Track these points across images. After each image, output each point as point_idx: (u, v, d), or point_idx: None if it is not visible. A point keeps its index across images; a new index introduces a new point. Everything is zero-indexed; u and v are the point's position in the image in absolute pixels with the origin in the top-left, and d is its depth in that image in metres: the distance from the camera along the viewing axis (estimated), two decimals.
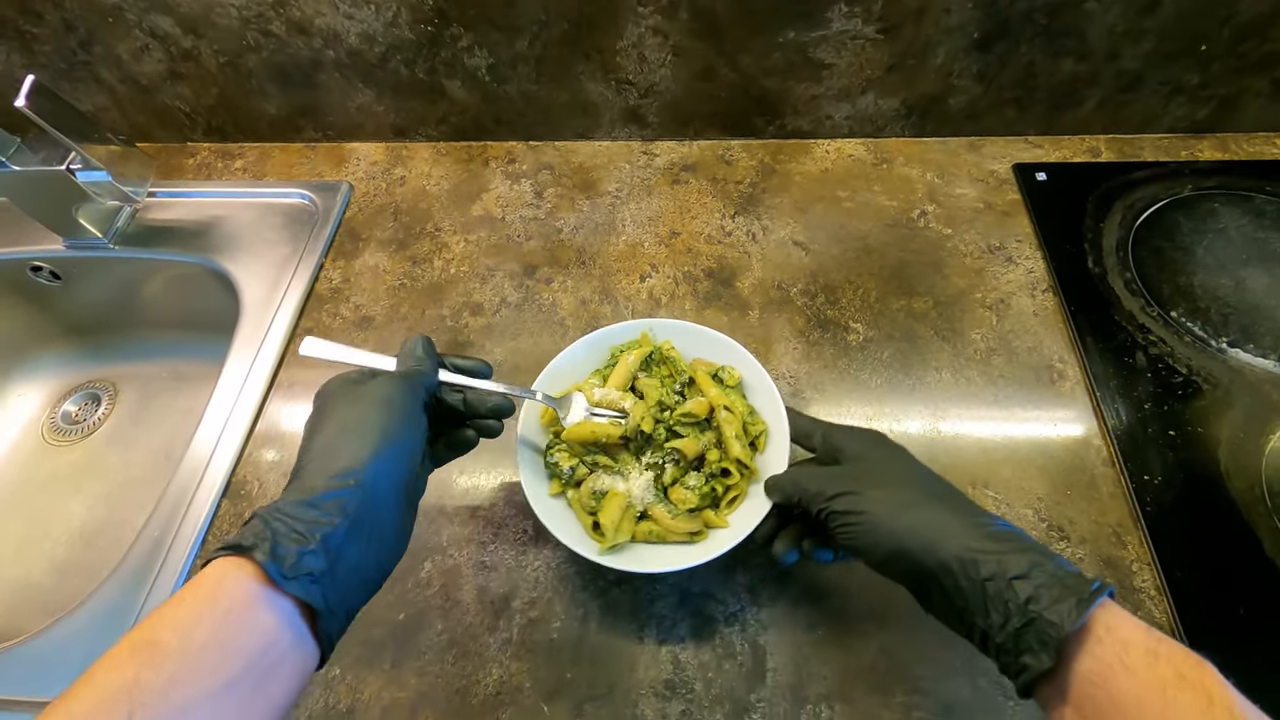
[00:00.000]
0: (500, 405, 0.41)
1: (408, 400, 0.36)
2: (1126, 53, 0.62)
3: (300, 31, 0.65)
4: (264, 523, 0.30)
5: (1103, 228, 0.63)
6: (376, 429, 0.34)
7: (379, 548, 0.33)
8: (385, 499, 0.33)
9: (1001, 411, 0.54)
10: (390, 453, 0.34)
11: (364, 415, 0.35)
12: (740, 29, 0.62)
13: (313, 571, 0.29)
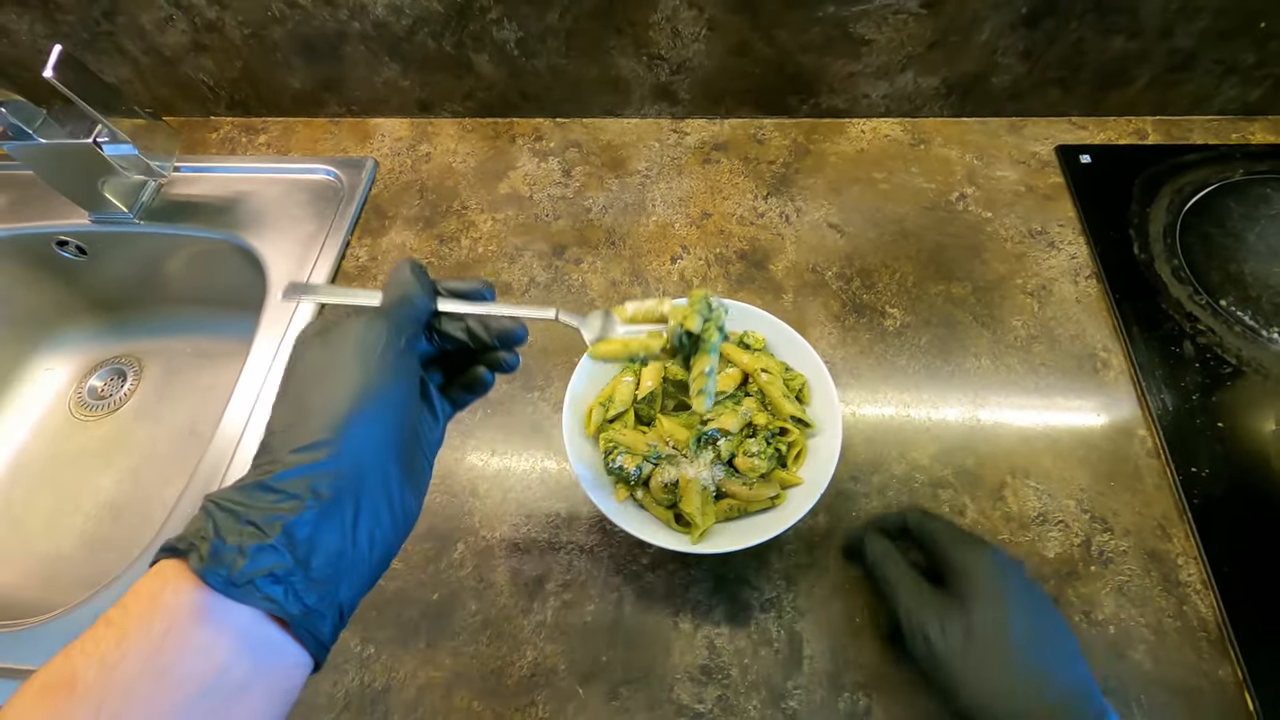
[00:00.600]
0: (507, 330, 0.33)
1: (390, 341, 0.29)
2: (1180, 30, 0.60)
3: (326, 2, 0.64)
4: (206, 515, 0.24)
5: (1149, 213, 0.61)
6: (350, 384, 0.27)
7: (373, 523, 0.27)
8: (373, 466, 0.27)
9: (1043, 400, 0.53)
10: (373, 410, 0.27)
11: (334, 369, 0.28)
12: (778, 2, 0.60)
13: (274, 571, 0.24)
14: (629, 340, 0.37)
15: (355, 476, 0.26)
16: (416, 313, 0.31)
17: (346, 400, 0.27)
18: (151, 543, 0.52)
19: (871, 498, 0.49)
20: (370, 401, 0.27)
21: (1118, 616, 0.44)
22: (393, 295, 0.31)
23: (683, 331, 0.35)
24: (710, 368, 0.36)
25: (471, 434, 0.54)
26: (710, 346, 0.36)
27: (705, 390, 0.36)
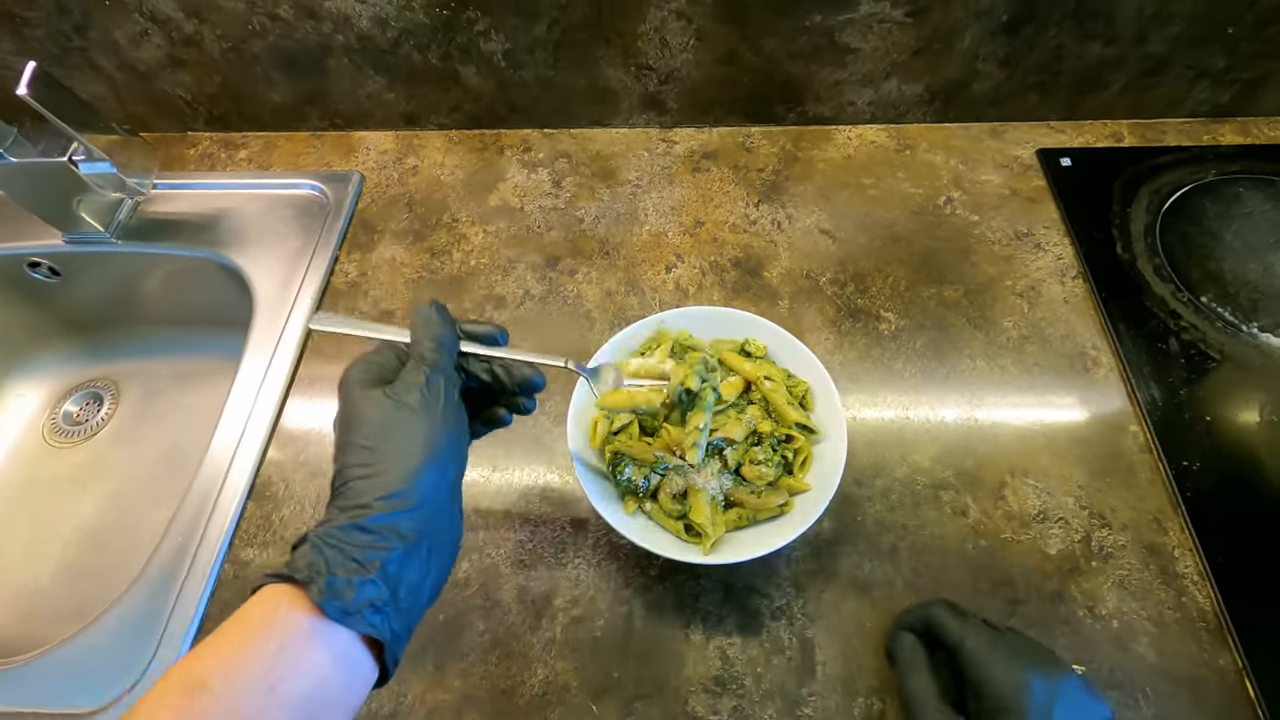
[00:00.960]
0: (528, 379, 0.36)
1: (448, 396, 0.33)
2: (1154, 36, 0.62)
3: (309, 15, 0.63)
4: (316, 550, 0.28)
5: (1130, 213, 0.63)
6: (422, 438, 0.31)
7: (438, 560, 0.31)
8: (439, 507, 0.31)
9: (1037, 399, 0.54)
10: (439, 459, 0.31)
11: (405, 426, 0.31)
12: (766, 11, 0.61)
13: (374, 602, 0.28)
14: (634, 393, 0.42)
15: (428, 518, 0.30)
16: (454, 360, 0.35)
17: (419, 453, 0.31)
18: (144, 570, 0.50)
19: (875, 501, 0.50)
20: (437, 452, 0.31)
21: (1120, 610, 0.45)
22: (431, 345, 0.34)
23: (683, 390, 0.41)
24: (704, 424, 0.41)
25: (473, 451, 0.52)
26: (706, 405, 0.41)
27: (698, 445, 0.41)
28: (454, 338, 0.35)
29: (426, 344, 0.34)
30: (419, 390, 0.32)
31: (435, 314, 0.35)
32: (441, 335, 0.34)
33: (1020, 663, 0.34)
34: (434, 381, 0.33)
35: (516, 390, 0.37)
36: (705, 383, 0.41)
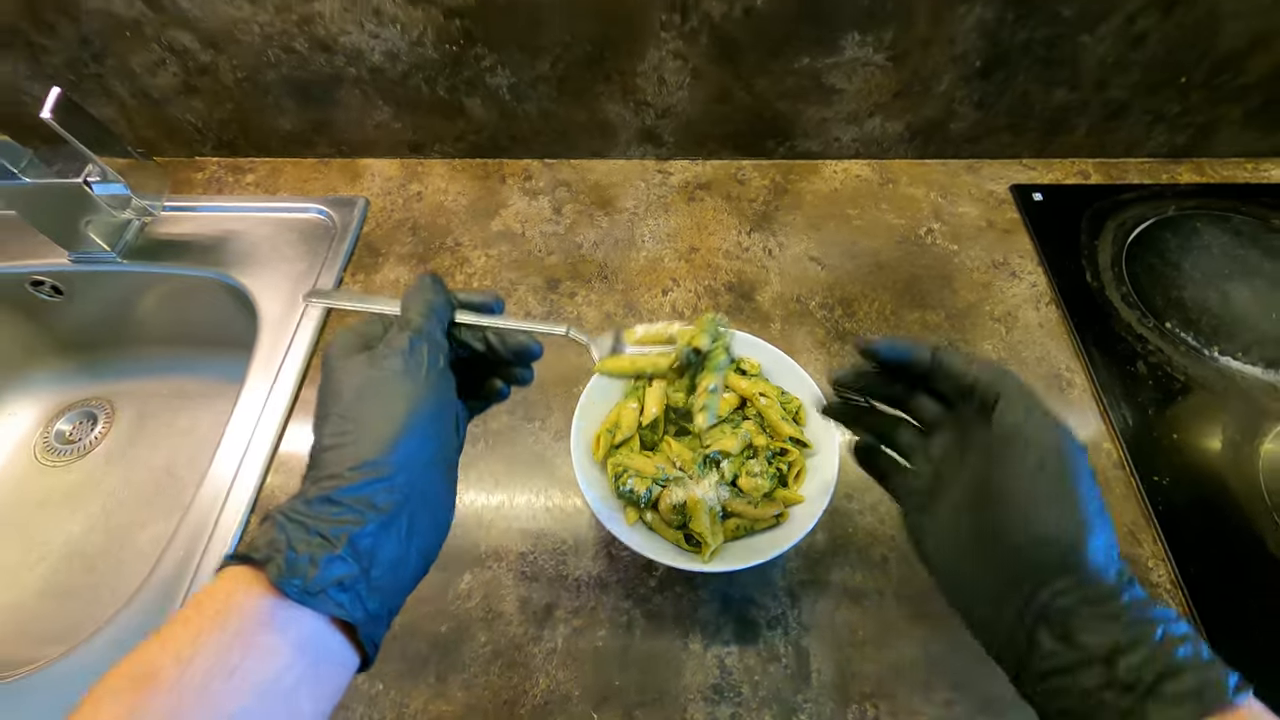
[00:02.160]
0: (523, 347, 0.34)
1: (431, 362, 0.31)
2: (1114, 83, 0.67)
3: (323, 49, 0.66)
4: (278, 527, 0.26)
5: (1097, 245, 0.67)
6: (401, 404, 0.29)
7: (420, 536, 0.29)
8: (421, 482, 0.29)
9: None
10: (420, 427, 0.29)
11: (384, 388, 0.29)
12: (758, 54, 0.65)
13: (342, 580, 0.26)
14: (637, 358, 0.39)
15: (407, 490, 0.28)
16: (445, 328, 0.33)
17: (398, 419, 0.29)
18: (140, 588, 0.51)
19: (866, 514, 0.52)
20: (419, 419, 0.29)
21: None
22: (419, 309, 0.32)
23: (690, 350, 0.37)
24: (715, 385, 0.36)
25: (474, 465, 0.55)
26: (717, 365, 0.37)
27: (708, 406, 0.36)
28: (446, 305, 0.34)
29: (414, 309, 0.32)
30: (400, 354, 0.30)
31: (429, 282, 0.34)
32: (432, 301, 0.33)
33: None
34: (417, 346, 0.31)
35: (512, 359, 0.35)
36: (716, 342, 0.37)
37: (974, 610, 0.30)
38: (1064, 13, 0.61)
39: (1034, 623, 0.27)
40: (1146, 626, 0.25)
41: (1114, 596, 0.26)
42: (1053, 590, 0.27)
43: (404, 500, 0.28)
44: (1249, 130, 0.71)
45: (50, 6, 0.63)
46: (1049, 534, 0.27)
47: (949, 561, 0.32)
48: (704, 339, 0.37)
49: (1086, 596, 0.26)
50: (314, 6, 0.62)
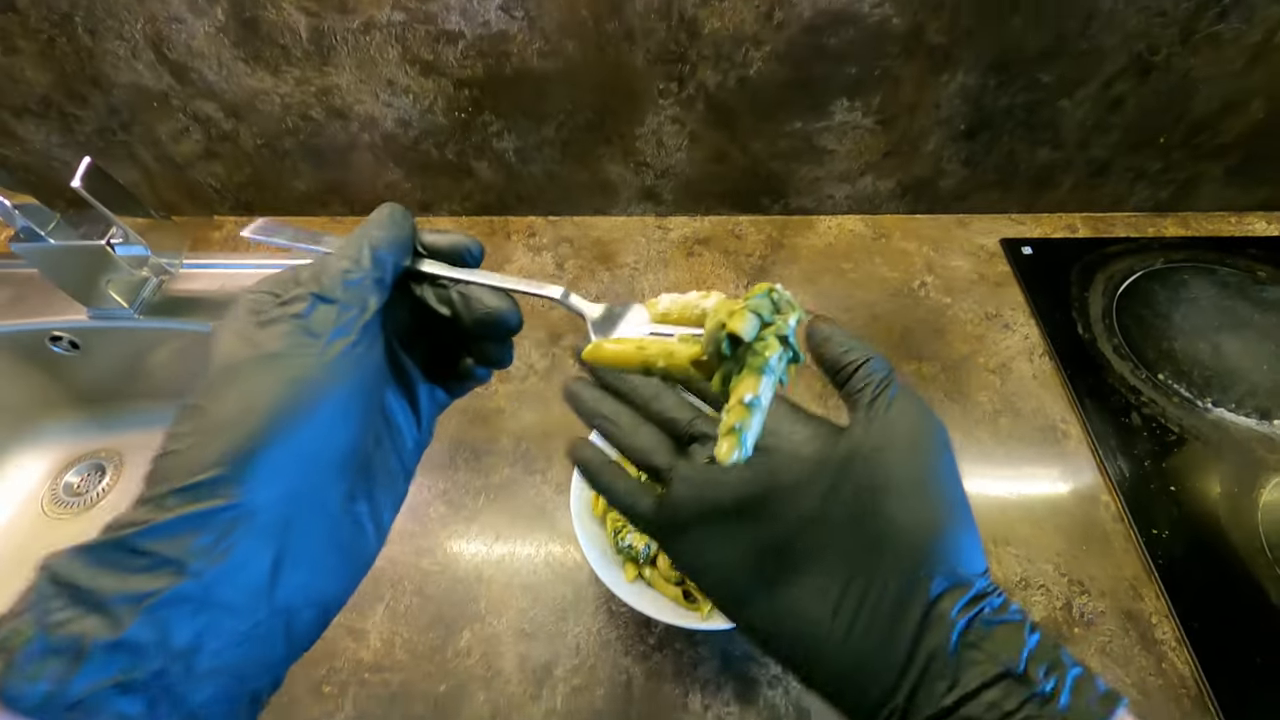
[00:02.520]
0: (491, 315, 0.25)
1: (335, 330, 0.22)
2: (1096, 143, 0.69)
3: (339, 116, 0.69)
4: (34, 597, 0.17)
5: (1088, 297, 0.68)
6: (270, 392, 0.20)
7: (309, 572, 0.21)
8: (304, 498, 0.21)
9: (1013, 470, 0.57)
10: (301, 430, 0.20)
11: (250, 372, 0.20)
12: (752, 119, 0.68)
13: (125, 680, 0.17)
14: (646, 342, 0.25)
15: (273, 518, 0.20)
16: (382, 280, 0.23)
17: (262, 414, 0.19)
18: None
19: None
20: (300, 414, 0.20)
21: (1105, 677, 0.46)
22: (352, 254, 0.23)
23: (725, 336, 0.23)
24: (756, 398, 0.22)
25: (475, 519, 0.55)
26: (766, 365, 0.23)
27: (741, 429, 0.22)
28: (399, 248, 0.25)
29: (346, 253, 0.23)
30: (290, 321, 0.21)
31: (386, 215, 0.25)
32: (377, 244, 0.24)
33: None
34: (323, 308, 0.22)
35: (476, 329, 0.25)
36: (768, 327, 0.23)
37: (818, 645, 0.24)
38: (1043, 79, 0.64)
39: (923, 637, 0.23)
40: (1031, 629, 0.23)
41: (999, 596, 0.24)
42: (953, 596, 0.23)
43: (265, 532, 0.19)
44: (1230, 186, 0.73)
45: (84, 80, 0.67)
46: (949, 531, 0.24)
47: (752, 584, 0.26)
48: (746, 321, 0.23)
49: (983, 599, 0.23)
50: (331, 79, 0.66)
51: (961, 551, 0.24)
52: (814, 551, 0.25)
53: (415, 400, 0.27)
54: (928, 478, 0.25)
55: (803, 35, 0.61)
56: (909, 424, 0.26)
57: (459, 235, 0.27)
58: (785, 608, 0.25)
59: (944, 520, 0.24)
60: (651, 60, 0.63)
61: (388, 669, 0.48)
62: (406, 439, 0.26)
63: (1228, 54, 0.61)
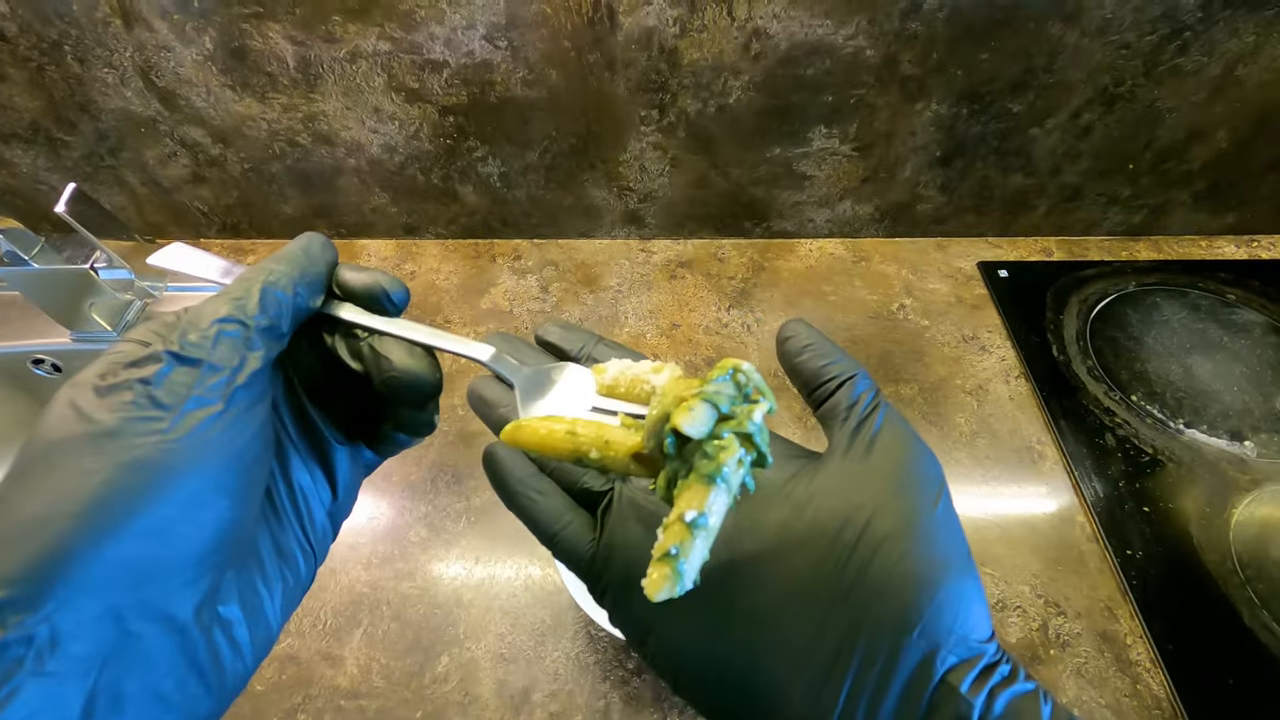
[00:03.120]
0: (400, 378, 0.21)
1: (193, 403, 0.18)
2: (1067, 169, 0.71)
3: (325, 142, 0.70)
4: None
5: (1062, 319, 0.69)
6: (88, 486, 0.16)
7: (142, 711, 0.16)
8: (133, 626, 0.16)
9: (990, 490, 0.58)
10: (136, 536, 0.16)
11: (69, 455, 0.16)
12: (732, 145, 0.70)
13: None
14: (580, 425, 0.21)
15: (86, 649, 0.15)
16: (273, 328, 0.20)
17: (75, 514, 0.15)
18: None
19: None
20: (131, 507, 0.16)
21: (1080, 699, 0.47)
22: (234, 296, 0.19)
23: (669, 431, 0.19)
24: (701, 515, 0.18)
25: (455, 543, 0.55)
26: (718, 472, 0.18)
27: (680, 554, 0.18)
28: (309, 287, 0.21)
29: (233, 294, 0.19)
30: (133, 389, 0.17)
31: (300, 248, 0.22)
32: (279, 278, 0.20)
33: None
34: (179, 370, 0.17)
35: (386, 392, 0.22)
36: (726, 421, 0.19)
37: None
38: (1013, 108, 0.66)
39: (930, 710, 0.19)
40: (1044, 698, 0.20)
41: (1007, 662, 0.20)
42: (961, 670, 0.19)
43: (78, 664, 0.15)
44: (1199, 211, 0.75)
45: (72, 106, 0.68)
46: (951, 591, 0.20)
47: (710, 664, 0.22)
48: (696, 414, 0.18)
49: (993, 670, 0.20)
50: (318, 105, 0.67)
51: (969, 614, 0.20)
52: (789, 621, 0.21)
53: (330, 465, 0.23)
54: (924, 526, 0.21)
55: (780, 66, 0.63)
56: (898, 460, 0.22)
57: (377, 275, 0.23)
58: (758, 689, 0.21)
59: (944, 577, 0.20)
60: (633, 89, 0.65)
61: (364, 695, 0.48)
62: (314, 512, 0.22)
63: (1190, 86, 0.63)
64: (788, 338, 0.26)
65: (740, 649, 0.21)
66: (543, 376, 0.24)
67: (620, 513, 0.25)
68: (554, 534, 0.25)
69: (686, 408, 0.19)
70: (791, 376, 0.26)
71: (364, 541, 0.55)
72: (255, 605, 0.20)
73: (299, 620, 0.51)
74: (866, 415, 0.23)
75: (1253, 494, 0.55)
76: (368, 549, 0.55)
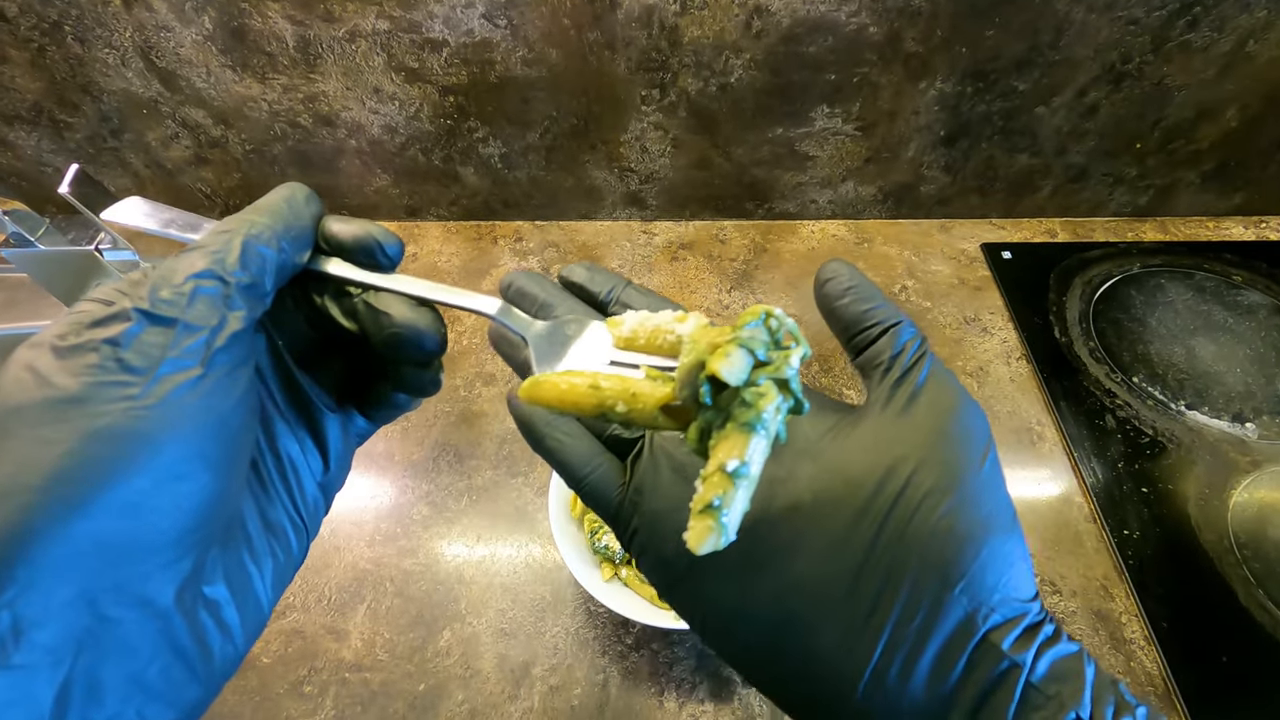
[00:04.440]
0: (400, 333, 0.20)
1: (171, 366, 0.16)
2: (1073, 149, 0.70)
3: (326, 123, 0.70)
4: None
5: (1065, 301, 0.69)
6: (50, 468, 0.14)
7: (123, 700, 0.15)
8: (108, 611, 0.15)
9: None
10: (106, 514, 0.14)
11: (35, 430, 0.14)
12: (734, 125, 0.69)
13: None
14: (603, 379, 0.20)
15: (55, 635, 0.14)
16: (256, 285, 0.18)
17: (38, 488, 0.14)
18: None
19: None
20: (101, 482, 0.14)
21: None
22: (212, 250, 0.17)
23: (704, 379, 0.18)
24: (743, 464, 0.17)
25: (457, 521, 0.56)
26: (758, 420, 0.17)
27: (722, 505, 0.17)
28: (294, 242, 0.19)
29: (210, 247, 0.17)
30: (100, 350, 0.15)
31: (283, 199, 0.20)
32: (263, 231, 0.18)
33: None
34: (152, 330, 0.16)
35: (386, 350, 0.21)
36: (764, 367, 0.18)
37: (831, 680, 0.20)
38: (1019, 87, 0.65)
39: (970, 677, 0.18)
40: (1087, 659, 0.19)
41: (1051, 623, 0.20)
42: (1005, 628, 0.19)
43: (47, 652, 0.14)
44: (1206, 192, 0.74)
45: (75, 88, 0.68)
46: (997, 548, 0.19)
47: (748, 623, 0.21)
48: (734, 360, 0.17)
49: (1037, 630, 0.19)
50: (318, 86, 0.67)
51: (1013, 573, 0.19)
52: (824, 573, 0.20)
53: (320, 433, 0.22)
54: (970, 482, 0.20)
55: (782, 44, 0.62)
56: (945, 413, 0.21)
57: (368, 225, 0.21)
58: (788, 640, 0.20)
59: (989, 535, 0.19)
60: (633, 68, 0.64)
61: (368, 669, 0.49)
62: (305, 484, 0.21)
63: (1199, 62, 0.62)
64: (828, 279, 0.24)
65: (772, 600, 0.21)
66: (555, 331, 0.23)
67: (652, 459, 0.24)
68: (583, 477, 0.24)
69: (723, 354, 0.17)
70: (830, 321, 0.24)
71: (367, 519, 0.56)
72: (243, 583, 0.18)
73: (304, 595, 0.52)
74: (911, 366, 0.22)
75: (1252, 475, 0.55)
76: (371, 526, 0.56)
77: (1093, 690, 0.18)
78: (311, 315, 0.22)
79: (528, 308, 0.26)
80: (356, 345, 0.22)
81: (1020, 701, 0.18)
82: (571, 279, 0.27)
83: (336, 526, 0.55)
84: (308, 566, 0.54)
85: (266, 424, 0.21)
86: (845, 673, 0.19)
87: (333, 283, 0.21)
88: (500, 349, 0.27)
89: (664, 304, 0.27)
